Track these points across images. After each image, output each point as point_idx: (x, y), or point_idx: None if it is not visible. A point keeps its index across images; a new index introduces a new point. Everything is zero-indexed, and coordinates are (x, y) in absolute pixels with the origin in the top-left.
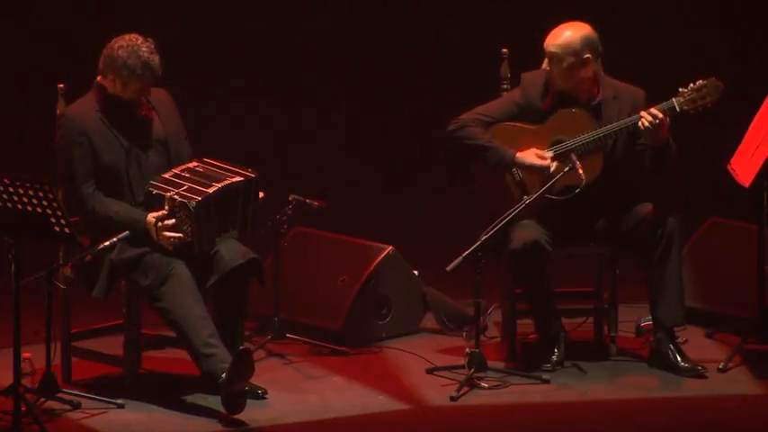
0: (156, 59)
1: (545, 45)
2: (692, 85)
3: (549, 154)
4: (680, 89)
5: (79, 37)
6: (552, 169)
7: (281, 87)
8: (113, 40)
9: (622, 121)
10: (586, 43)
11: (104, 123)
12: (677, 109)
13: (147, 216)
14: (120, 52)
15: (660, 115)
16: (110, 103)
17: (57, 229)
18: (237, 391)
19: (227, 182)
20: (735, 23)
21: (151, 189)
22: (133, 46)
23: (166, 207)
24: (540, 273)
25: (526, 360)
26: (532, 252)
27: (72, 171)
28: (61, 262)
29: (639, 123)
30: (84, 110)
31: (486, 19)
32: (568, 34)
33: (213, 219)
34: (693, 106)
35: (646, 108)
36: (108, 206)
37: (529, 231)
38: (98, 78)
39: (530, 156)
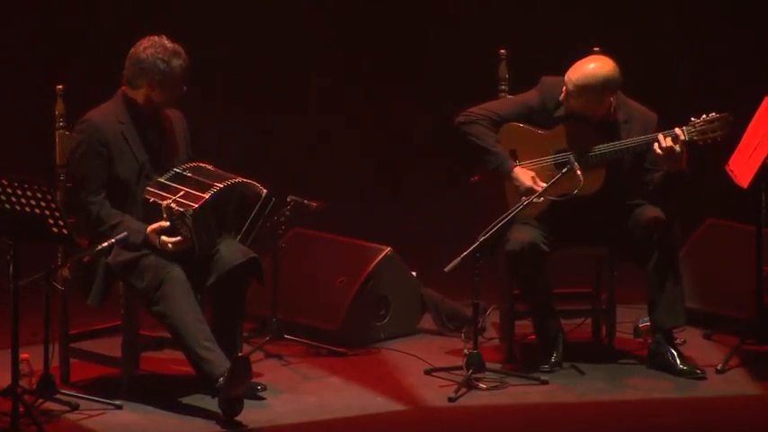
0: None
1: (566, 79)
2: (704, 116)
3: (543, 185)
4: (692, 119)
5: (78, 37)
6: (541, 199)
7: (280, 88)
8: (142, 47)
9: (630, 140)
10: (608, 85)
11: (123, 136)
12: (686, 138)
13: (147, 228)
14: (157, 54)
15: (681, 137)
16: (134, 115)
17: (55, 230)
18: (235, 395)
19: (228, 182)
20: (733, 25)
21: (148, 197)
22: (172, 48)
23: (165, 216)
24: (538, 273)
25: (524, 361)
26: (530, 253)
27: (85, 177)
28: (59, 263)
29: (655, 146)
30: (107, 119)
31: (485, 20)
32: (591, 72)
33: (212, 220)
34: (702, 137)
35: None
36: (114, 217)
37: (526, 232)
38: (124, 89)
39: (525, 176)
